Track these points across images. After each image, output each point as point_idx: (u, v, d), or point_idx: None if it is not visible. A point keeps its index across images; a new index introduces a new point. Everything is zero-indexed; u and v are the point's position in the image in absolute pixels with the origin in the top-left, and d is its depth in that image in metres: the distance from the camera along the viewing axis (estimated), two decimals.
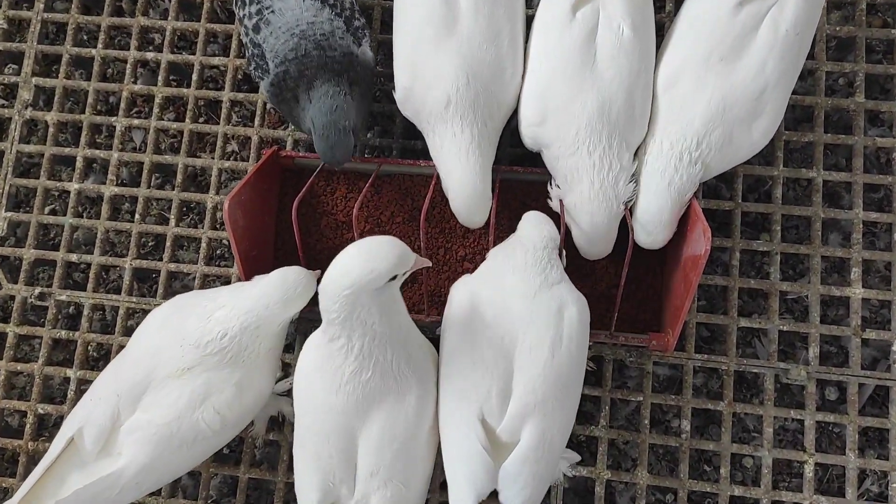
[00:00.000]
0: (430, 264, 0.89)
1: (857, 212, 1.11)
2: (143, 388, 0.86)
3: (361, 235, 1.10)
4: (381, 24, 1.22)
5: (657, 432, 1.10)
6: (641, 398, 1.08)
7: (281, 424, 1.10)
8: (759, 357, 1.11)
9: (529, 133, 0.96)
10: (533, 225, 0.91)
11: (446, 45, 0.92)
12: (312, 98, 0.93)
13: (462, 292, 0.88)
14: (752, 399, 1.12)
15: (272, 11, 0.96)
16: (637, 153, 0.95)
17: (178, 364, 0.86)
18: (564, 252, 0.94)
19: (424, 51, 0.93)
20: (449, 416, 0.84)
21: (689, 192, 0.92)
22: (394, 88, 0.99)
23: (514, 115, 1.17)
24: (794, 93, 1.16)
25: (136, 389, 0.86)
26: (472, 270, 1.06)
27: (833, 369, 1.08)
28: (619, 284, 0.96)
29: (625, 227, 0.97)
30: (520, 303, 0.84)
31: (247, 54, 1.01)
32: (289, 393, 1.08)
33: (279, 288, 0.88)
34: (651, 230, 0.95)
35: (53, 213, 1.27)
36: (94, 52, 1.25)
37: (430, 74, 0.92)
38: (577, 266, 1.07)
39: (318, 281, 0.84)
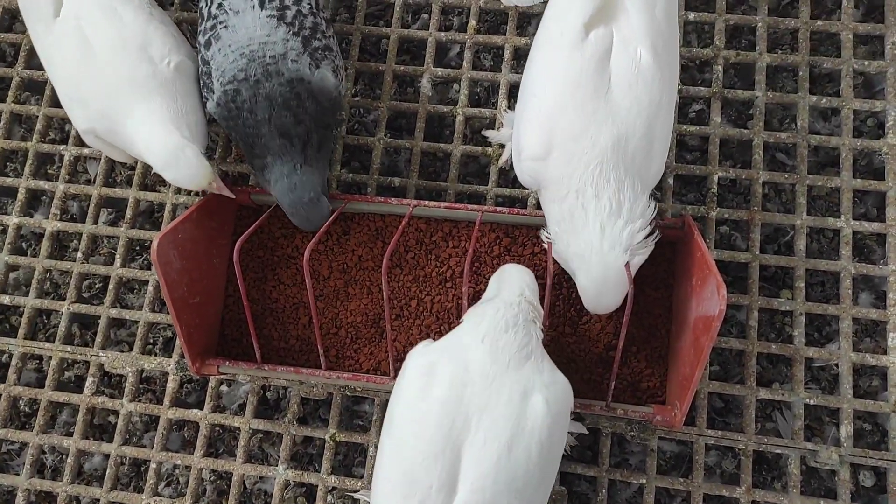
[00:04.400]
0: None
1: (894, 268, 0.97)
2: None
3: (325, 282, 0.97)
4: (361, 50, 1.12)
5: None
6: (644, 480, 0.93)
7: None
8: (781, 434, 0.96)
9: (529, 168, 0.82)
10: (510, 278, 0.78)
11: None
12: (269, 177, 0.88)
13: (417, 364, 0.74)
14: (774, 484, 0.96)
15: (225, 27, 0.87)
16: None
17: None
18: (543, 314, 0.80)
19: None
20: None
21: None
22: (374, 122, 0.87)
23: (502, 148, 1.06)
24: (816, 133, 1.05)
25: None
26: (448, 327, 0.94)
27: (870, 452, 0.92)
28: (617, 348, 0.81)
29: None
30: (479, 383, 0.70)
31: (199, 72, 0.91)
32: None
33: None
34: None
35: None
36: (46, 75, 1.14)
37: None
38: (570, 323, 0.93)
39: None
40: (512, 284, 0.80)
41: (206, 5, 0.91)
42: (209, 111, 0.89)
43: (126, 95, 0.86)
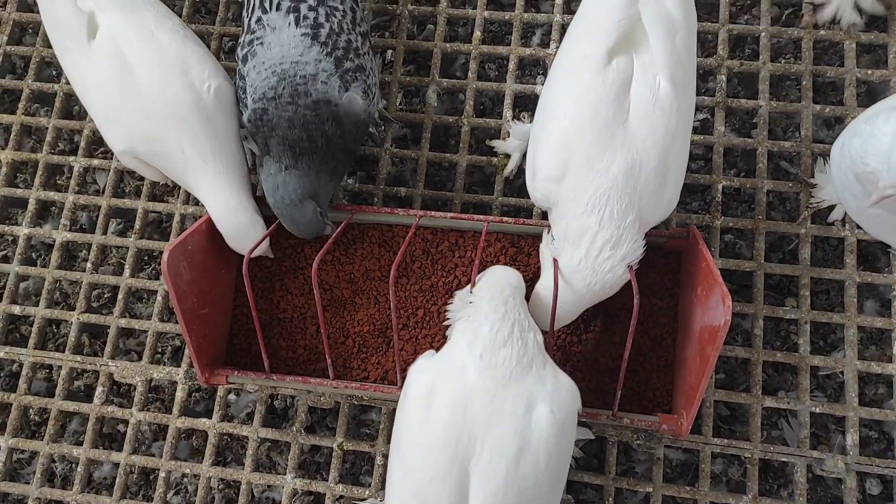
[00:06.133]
0: None
1: None
2: None
3: (332, 292, 0.98)
4: None
5: None
6: (651, 489, 0.93)
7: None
8: (787, 441, 0.96)
9: (543, 188, 0.83)
10: (494, 276, 0.81)
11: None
12: (259, 175, 0.90)
13: (419, 380, 0.74)
14: (781, 492, 0.96)
15: (261, 43, 0.88)
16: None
17: None
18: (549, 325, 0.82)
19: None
20: None
21: None
22: (390, 139, 0.87)
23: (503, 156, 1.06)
24: (820, 142, 1.05)
25: None
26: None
27: (876, 460, 0.92)
28: (622, 357, 0.82)
29: (629, 295, 0.84)
30: (480, 399, 0.70)
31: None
32: None
33: None
34: None
35: (5, 259, 1.16)
36: (56, 87, 1.16)
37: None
38: (575, 333, 0.94)
39: None
40: (493, 286, 0.80)
41: (248, 17, 0.92)
42: (244, 123, 0.91)
43: (171, 123, 0.86)
